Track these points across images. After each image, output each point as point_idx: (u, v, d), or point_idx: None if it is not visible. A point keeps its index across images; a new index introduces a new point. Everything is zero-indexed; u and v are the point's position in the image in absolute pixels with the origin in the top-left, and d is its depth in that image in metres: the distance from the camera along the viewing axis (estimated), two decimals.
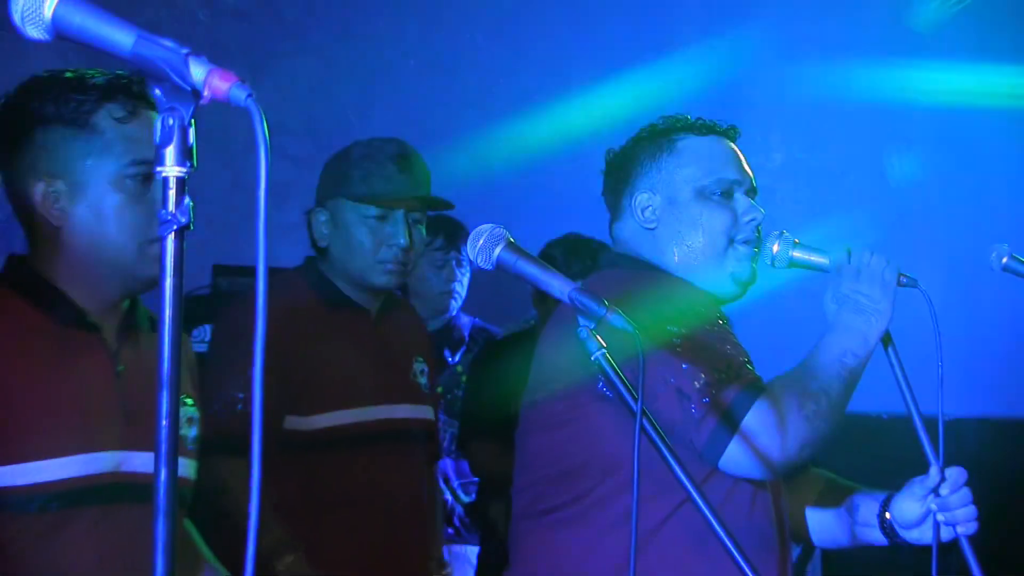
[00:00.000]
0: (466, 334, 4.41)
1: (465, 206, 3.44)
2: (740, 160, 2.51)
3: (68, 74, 1.95)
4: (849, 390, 2.17)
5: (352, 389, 2.88)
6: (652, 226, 2.38)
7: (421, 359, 3.09)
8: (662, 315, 2.18)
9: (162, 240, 1.18)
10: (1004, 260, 2.58)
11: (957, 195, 5.57)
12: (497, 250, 1.95)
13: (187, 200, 1.17)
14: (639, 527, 1.86)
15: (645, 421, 1.75)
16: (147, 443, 1.76)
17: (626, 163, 2.52)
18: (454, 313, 4.22)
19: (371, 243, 2.90)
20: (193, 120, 1.18)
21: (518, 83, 5.58)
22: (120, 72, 1.93)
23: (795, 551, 4.96)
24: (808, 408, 2.12)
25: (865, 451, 4.99)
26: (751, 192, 2.47)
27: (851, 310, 2.20)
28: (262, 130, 1.10)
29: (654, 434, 1.77)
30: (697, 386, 2.10)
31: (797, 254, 2.48)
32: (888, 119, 5.74)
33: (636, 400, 1.71)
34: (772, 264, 2.50)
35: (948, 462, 2.50)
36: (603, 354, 1.77)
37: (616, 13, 5.80)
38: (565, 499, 2.33)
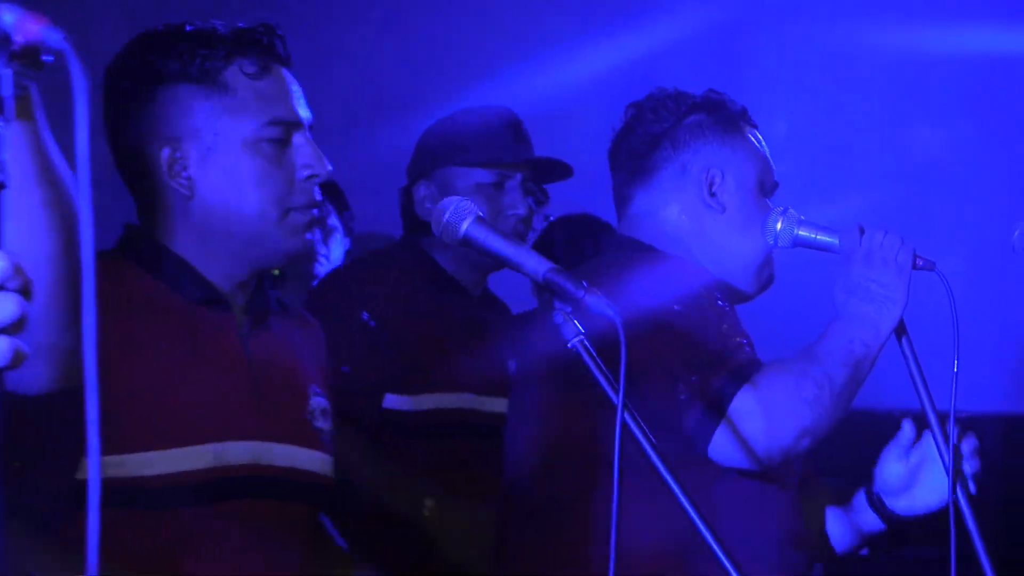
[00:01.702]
0: None
1: None
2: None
3: (188, 27, 1.94)
4: (856, 381, 2.18)
5: (452, 373, 2.95)
6: (718, 208, 2.45)
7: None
8: (654, 297, 2.23)
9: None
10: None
11: (982, 170, 5.55)
12: (464, 225, 1.96)
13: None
14: (629, 523, 1.90)
15: (627, 415, 1.75)
16: (283, 434, 1.92)
17: (679, 131, 2.55)
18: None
19: (488, 213, 2.86)
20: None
21: (496, 37, 5.63)
22: (245, 25, 1.94)
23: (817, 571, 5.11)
24: (807, 392, 2.14)
25: (876, 449, 5.05)
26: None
27: (861, 298, 2.20)
28: (81, 80, 1.03)
29: (635, 427, 1.77)
30: (686, 371, 2.14)
31: (803, 232, 2.50)
32: (907, 84, 5.70)
33: (616, 391, 1.73)
34: (775, 243, 2.51)
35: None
36: (581, 341, 1.77)
37: None
38: (552, 494, 2.40)
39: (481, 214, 2.06)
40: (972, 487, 2.54)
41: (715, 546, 1.82)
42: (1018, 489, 4.24)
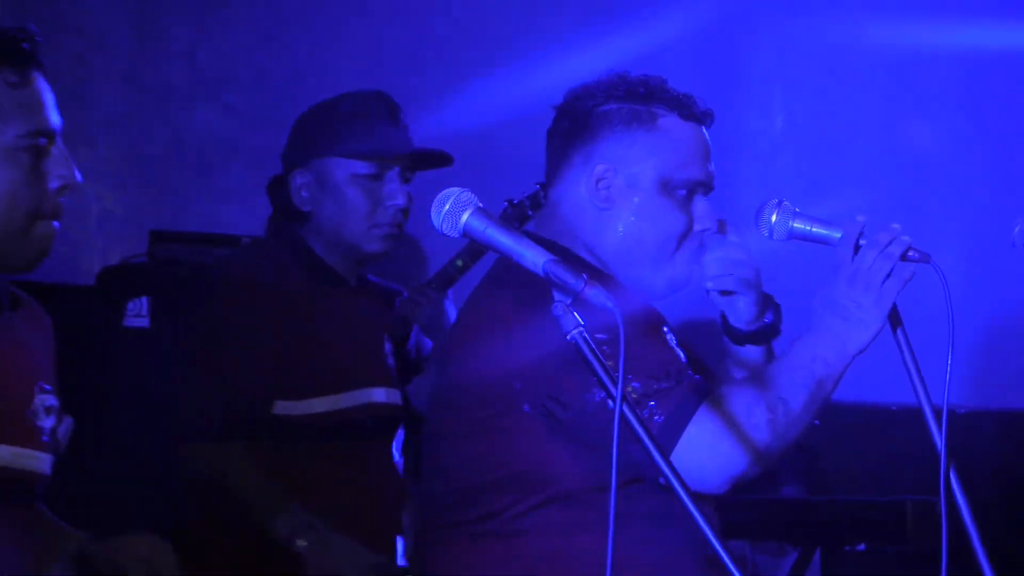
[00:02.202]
0: None
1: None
2: (710, 158, 2.57)
3: None
4: (816, 400, 2.19)
5: (339, 372, 3.03)
6: (603, 205, 2.42)
7: (388, 338, 3.21)
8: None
9: None
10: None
11: (981, 166, 5.60)
12: (464, 216, 1.98)
13: None
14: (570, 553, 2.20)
15: (625, 407, 1.77)
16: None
17: (591, 119, 2.55)
18: None
19: (367, 205, 2.99)
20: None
21: (494, 31, 5.64)
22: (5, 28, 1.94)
23: (787, 559, 5.25)
24: (758, 417, 2.14)
25: (873, 444, 5.15)
26: (708, 192, 2.55)
27: (835, 314, 2.22)
28: None
29: (634, 420, 1.79)
30: (636, 396, 2.13)
31: (799, 224, 2.51)
32: (902, 80, 5.77)
33: (615, 383, 1.76)
34: (770, 236, 2.53)
35: (959, 457, 2.49)
36: (580, 333, 1.80)
37: None
38: (481, 513, 2.39)
39: (481, 205, 2.06)
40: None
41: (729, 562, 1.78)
42: (1013, 484, 4.30)
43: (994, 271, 4.75)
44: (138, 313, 3.54)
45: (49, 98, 1.98)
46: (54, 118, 1.98)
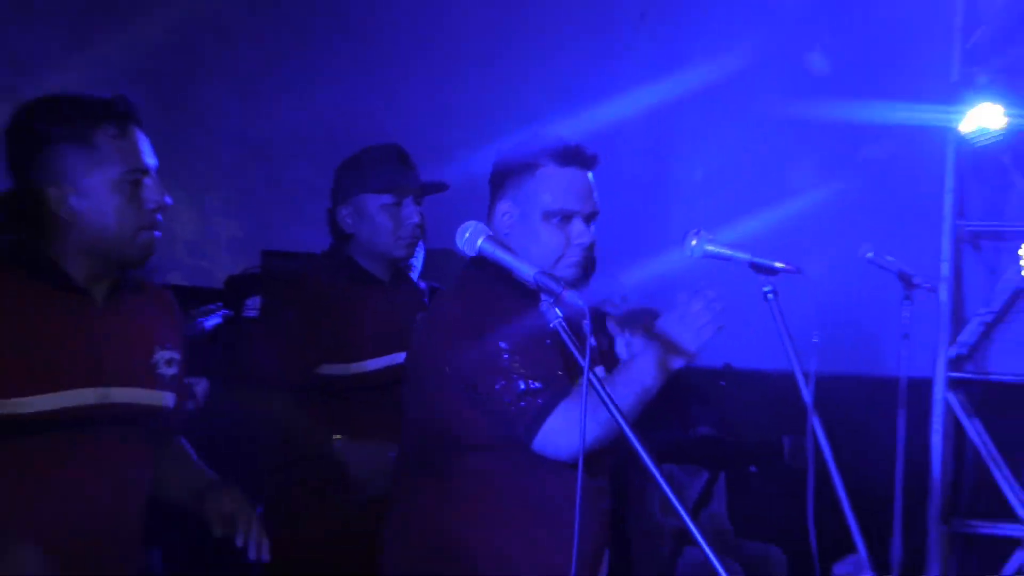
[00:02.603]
0: None
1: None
2: (589, 192, 2.48)
3: (67, 98, 1.99)
4: (641, 402, 2.12)
5: (367, 342, 2.99)
6: (506, 231, 2.41)
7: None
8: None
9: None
10: (869, 255, 2.86)
11: (845, 202, 5.63)
12: (479, 241, 2.09)
13: None
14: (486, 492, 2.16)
15: (592, 376, 1.79)
16: (127, 379, 1.96)
17: (500, 172, 2.55)
18: None
19: (392, 225, 3.02)
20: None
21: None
22: (108, 97, 1.98)
23: (701, 478, 5.26)
24: (600, 415, 2.02)
25: (761, 400, 5.26)
26: (591, 217, 2.47)
27: (665, 342, 2.14)
28: None
29: (600, 387, 1.81)
30: (526, 388, 2.11)
31: (711, 248, 2.54)
32: (789, 143, 5.73)
33: (584, 358, 1.76)
34: (692, 255, 2.56)
35: (823, 409, 2.59)
36: (560, 322, 1.85)
37: None
38: (428, 465, 2.36)
39: (491, 233, 2.18)
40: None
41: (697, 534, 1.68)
42: (862, 431, 4.35)
43: (850, 276, 4.80)
44: (253, 307, 3.59)
45: (144, 145, 2.00)
46: (148, 160, 2.00)
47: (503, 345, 2.18)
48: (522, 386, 2.13)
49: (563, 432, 2.09)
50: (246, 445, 3.26)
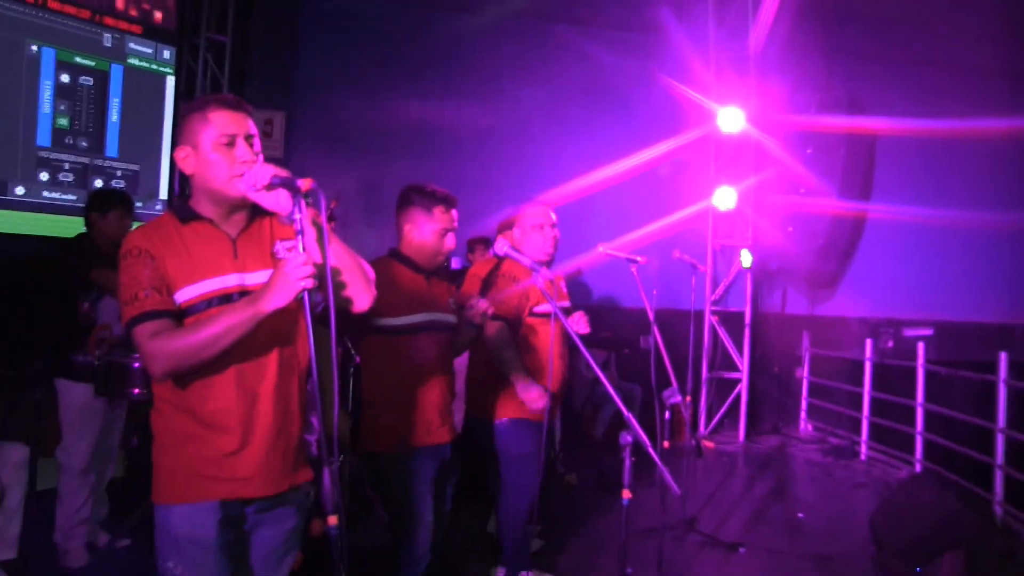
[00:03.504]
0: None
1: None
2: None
3: (201, 97, 2.38)
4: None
5: (417, 305, 3.35)
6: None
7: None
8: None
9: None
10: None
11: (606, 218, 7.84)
12: (504, 249, 3.33)
13: None
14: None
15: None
16: (256, 267, 2.24)
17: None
18: None
19: (442, 228, 3.41)
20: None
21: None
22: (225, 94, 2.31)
23: (600, 357, 7.39)
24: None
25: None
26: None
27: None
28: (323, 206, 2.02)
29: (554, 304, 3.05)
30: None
31: (608, 250, 4.05)
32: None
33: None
34: (601, 251, 4.23)
35: (659, 325, 4.38)
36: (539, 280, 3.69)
37: None
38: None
39: (511, 245, 3.37)
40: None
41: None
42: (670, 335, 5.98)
43: (668, 270, 5.85)
44: None
45: (240, 119, 2.25)
46: (239, 129, 2.22)
47: None
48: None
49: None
50: None
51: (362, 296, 2.31)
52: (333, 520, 1.95)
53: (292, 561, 2.39)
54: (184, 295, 2.19)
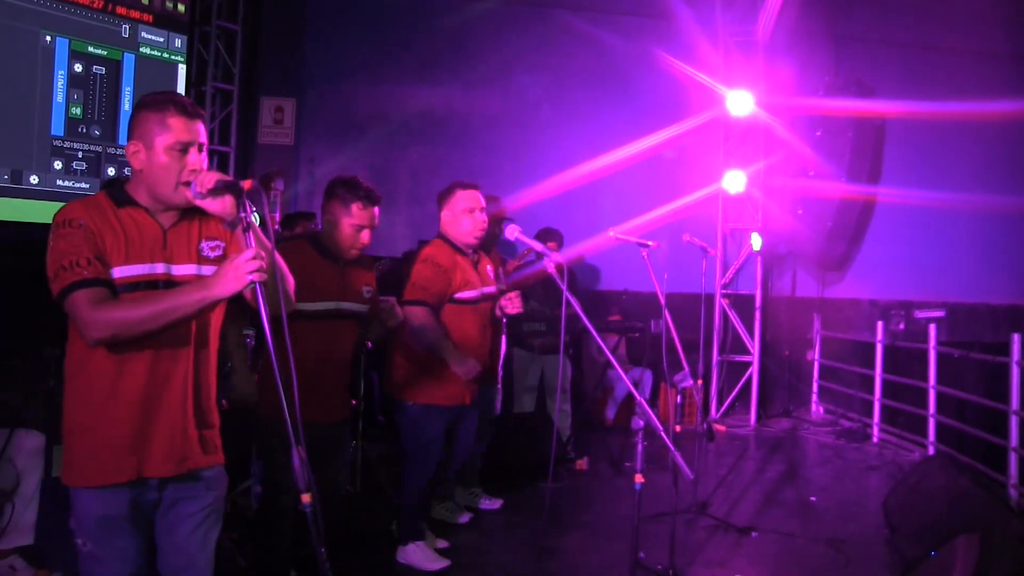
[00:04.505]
0: None
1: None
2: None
3: (154, 97, 2.27)
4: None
5: (332, 293, 3.44)
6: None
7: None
8: None
9: None
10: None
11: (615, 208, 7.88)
12: (515, 233, 3.57)
13: None
14: None
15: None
16: (182, 260, 2.27)
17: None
18: None
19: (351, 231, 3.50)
20: None
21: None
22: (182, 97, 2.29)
23: (611, 340, 7.46)
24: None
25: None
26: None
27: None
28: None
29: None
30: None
31: (618, 235, 4.10)
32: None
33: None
34: (611, 235, 4.35)
35: (669, 309, 4.41)
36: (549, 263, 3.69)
37: None
38: None
39: (520, 228, 3.53)
40: None
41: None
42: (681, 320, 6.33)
43: (678, 254, 6.29)
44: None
45: (195, 128, 2.26)
46: (193, 137, 2.25)
47: None
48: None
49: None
50: None
51: (289, 302, 2.35)
52: (306, 498, 2.00)
53: (216, 537, 2.43)
54: (114, 274, 2.23)
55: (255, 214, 2.18)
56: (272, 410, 3.15)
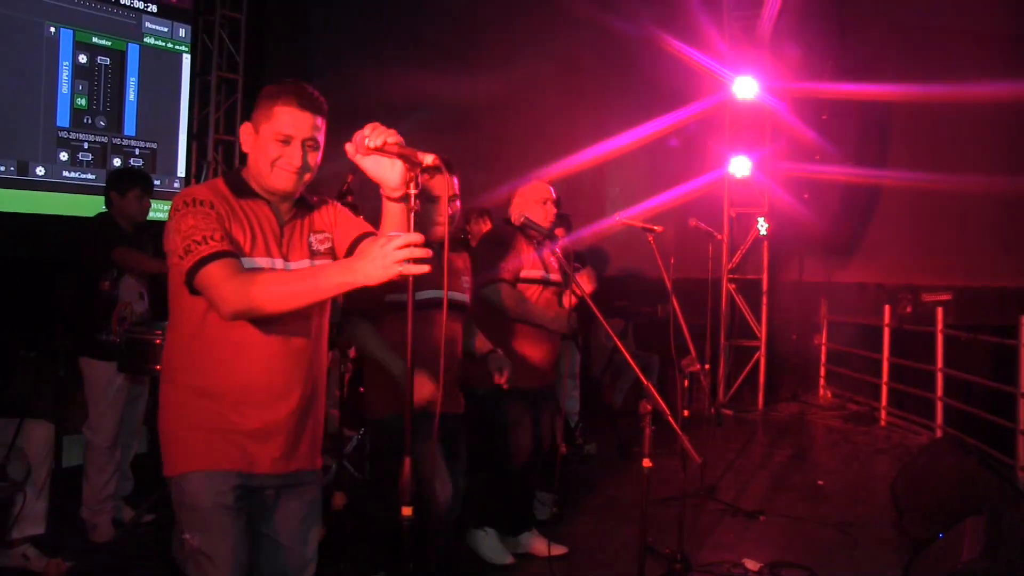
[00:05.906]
0: None
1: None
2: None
3: (269, 87, 2.21)
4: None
5: (430, 282, 2.85)
6: None
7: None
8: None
9: None
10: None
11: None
12: (522, 220, 3.73)
13: None
14: None
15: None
16: (296, 256, 2.19)
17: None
18: None
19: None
20: None
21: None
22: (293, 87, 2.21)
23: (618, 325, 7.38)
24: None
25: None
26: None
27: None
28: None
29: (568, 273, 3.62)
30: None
31: (625, 220, 4.25)
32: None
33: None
34: (613, 221, 4.44)
35: (676, 293, 4.29)
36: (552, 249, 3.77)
37: None
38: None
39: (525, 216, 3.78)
40: None
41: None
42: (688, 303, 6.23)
43: (684, 239, 6.34)
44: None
45: (301, 121, 2.19)
46: (297, 132, 2.18)
47: None
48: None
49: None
50: None
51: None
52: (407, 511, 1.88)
53: (318, 535, 2.35)
54: None
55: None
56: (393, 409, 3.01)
